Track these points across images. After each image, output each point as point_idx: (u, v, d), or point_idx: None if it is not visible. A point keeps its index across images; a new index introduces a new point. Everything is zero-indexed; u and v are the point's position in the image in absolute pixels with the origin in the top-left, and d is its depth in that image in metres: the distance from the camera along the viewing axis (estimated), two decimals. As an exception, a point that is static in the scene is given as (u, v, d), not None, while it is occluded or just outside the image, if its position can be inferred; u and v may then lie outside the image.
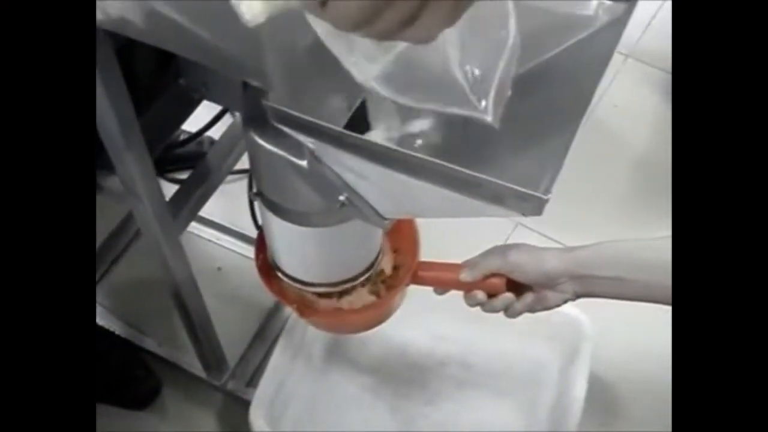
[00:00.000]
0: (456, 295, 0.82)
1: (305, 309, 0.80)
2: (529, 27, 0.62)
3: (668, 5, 1.64)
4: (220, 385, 1.14)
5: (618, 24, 0.58)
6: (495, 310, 0.80)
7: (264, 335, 1.21)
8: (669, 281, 0.72)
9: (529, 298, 0.79)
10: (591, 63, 0.55)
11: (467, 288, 0.79)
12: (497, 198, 0.49)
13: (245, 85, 0.64)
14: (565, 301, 0.79)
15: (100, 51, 0.60)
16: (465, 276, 0.78)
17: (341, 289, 0.78)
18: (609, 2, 0.58)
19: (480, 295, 0.78)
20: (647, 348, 1.18)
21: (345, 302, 0.80)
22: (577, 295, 0.78)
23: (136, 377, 1.17)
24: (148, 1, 0.50)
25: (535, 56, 0.60)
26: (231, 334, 1.15)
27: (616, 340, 1.15)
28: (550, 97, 0.57)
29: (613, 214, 1.36)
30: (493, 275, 0.78)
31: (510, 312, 0.80)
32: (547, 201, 0.47)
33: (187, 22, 0.50)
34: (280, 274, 0.79)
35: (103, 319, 1.22)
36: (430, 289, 0.83)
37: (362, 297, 0.81)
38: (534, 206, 0.48)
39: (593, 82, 0.52)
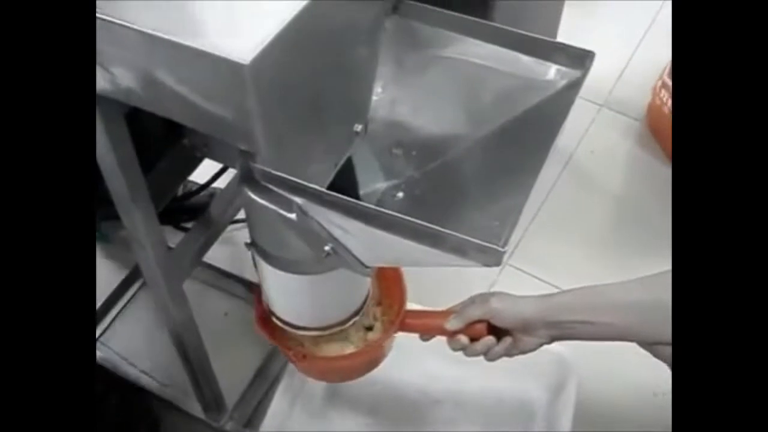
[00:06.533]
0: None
1: (300, 357, 0.85)
2: (497, 89, 0.69)
3: (637, 59, 1.75)
4: (218, 426, 1.18)
5: (574, 88, 0.64)
6: (477, 354, 0.85)
7: (262, 377, 1.24)
8: (633, 321, 0.78)
9: (507, 341, 0.84)
10: (547, 125, 0.61)
11: (451, 334, 0.85)
12: (460, 250, 0.54)
13: (240, 145, 0.71)
14: (541, 345, 0.84)
15: (109, 116, 0.66)
16: (451, 324, 0.84)
17: (331, 333, 0.83)
18: (566, 69, 0.65)
19: (463, 339, 0.84)
20: (629, 380, 1.22)
21: (335, 350, 0.86)
22: (552, 339, 0.84)
23: (136, 417, 1.21)
24: (149, 73, 0.56)
25: (501, 116, 0.67)
26: (230, 376, 1.19)
27: (599, 374, 1.19)
28: (511, 156, 0.63)
29: (591, 251, 1.43)
30: (476, 321, 0.84)
31: (490, 355, 0.85)
32: (504, 253, 0.52)
33: (184, 91, 0.55)
34: (274, 319, 0.84)
35: (109, 361, 1.27)
36: None
37: (351, 345, 0.86)
38: (493, 258, 0.53)
39: (547, 144, 0.58)
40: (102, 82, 0.59)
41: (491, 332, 0.84)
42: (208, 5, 0.54)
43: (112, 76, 0.58)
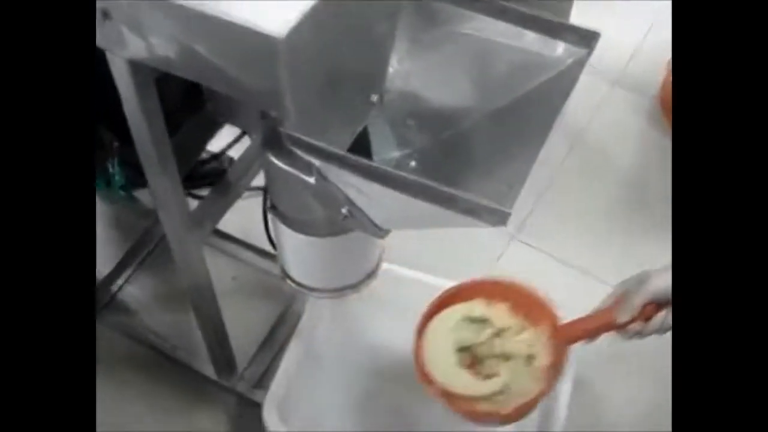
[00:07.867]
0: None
1: (499, 415, 0.83)
2: (507, 64, 0.73)
3: (651, 38, 1.76)
4: (229, 386, 1.23)
5: (580, 65, 0.68)
6: (652, 332, 0.82)
7: (272, 341, 1.30)
8: None
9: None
10: (553, 100, 0.65)
11: (623, 326, 0.81)
12: (470, 211, 0.58)
13: (263, 113, 0.75)
14: None
15: (142, 81, 0.70)
16: (622, 318, 0.80)
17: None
18: (573, 47, 0.69)
19: (637, 326, 0.81)
20: (626, 357, 1.25)
21: (515, 394, 0.83)
22: None
23: None
24: (186, 44, 0.60)
25: (510, 90, 0.71)
26: (241, 340, 1.23)
27: (599, 353, 1.23)
28: (519, 127, 0.67)
29: (598, 226, 1.47)
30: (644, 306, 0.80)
31: (664, 327, 0.81)
32: (509, 214, 0.56)
33: (219, 61, 0.60)
34: (288, 281, 0.88)
35: (122, 324, 1.32)
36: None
37: (528, 384, 0.83)
38: (499, 218, 0.57)
39: (552, 118, 0.62)
40: (138, 50, 0.63)
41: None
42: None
43: (149, 45, 0.62)
